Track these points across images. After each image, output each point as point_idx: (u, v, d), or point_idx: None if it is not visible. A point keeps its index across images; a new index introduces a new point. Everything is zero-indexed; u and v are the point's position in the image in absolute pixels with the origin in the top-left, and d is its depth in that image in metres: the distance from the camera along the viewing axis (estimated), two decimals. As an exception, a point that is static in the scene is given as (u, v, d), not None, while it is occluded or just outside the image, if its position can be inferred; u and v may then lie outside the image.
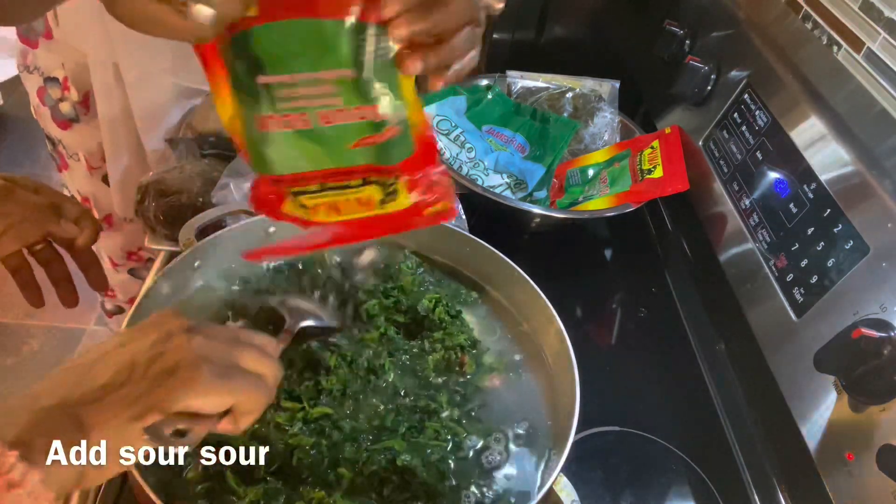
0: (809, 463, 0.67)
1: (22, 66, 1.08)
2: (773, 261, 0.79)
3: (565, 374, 0.64)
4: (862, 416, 0.62)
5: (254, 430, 0.59)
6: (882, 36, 0.76)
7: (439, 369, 0.67)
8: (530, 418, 0.65)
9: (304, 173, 0.51)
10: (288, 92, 0.46)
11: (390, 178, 0.52)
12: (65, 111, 1.08)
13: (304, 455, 0.58)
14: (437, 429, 0.62)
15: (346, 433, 0.60)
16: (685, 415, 0.85)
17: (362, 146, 0.50)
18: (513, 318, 0.74)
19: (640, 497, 0.75)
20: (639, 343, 0.94)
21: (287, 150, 0.49)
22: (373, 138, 0.49)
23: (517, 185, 1.06)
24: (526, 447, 0.63)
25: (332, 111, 0.47)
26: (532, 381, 0.69)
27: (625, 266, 1.08)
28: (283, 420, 0.60)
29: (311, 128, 0.48)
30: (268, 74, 0.45)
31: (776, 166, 0.82)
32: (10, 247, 0.67)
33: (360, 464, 0.58)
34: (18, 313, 1.98)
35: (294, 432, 0.59)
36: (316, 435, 0.60)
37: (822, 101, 0.80)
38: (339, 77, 0.46)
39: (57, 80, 1.05)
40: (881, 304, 0.62)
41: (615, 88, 1.20)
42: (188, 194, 0.87)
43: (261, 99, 0.46)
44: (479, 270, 0.78)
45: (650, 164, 1.01)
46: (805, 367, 0.68)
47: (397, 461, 0.58)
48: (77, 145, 1.12)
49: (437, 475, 0.59)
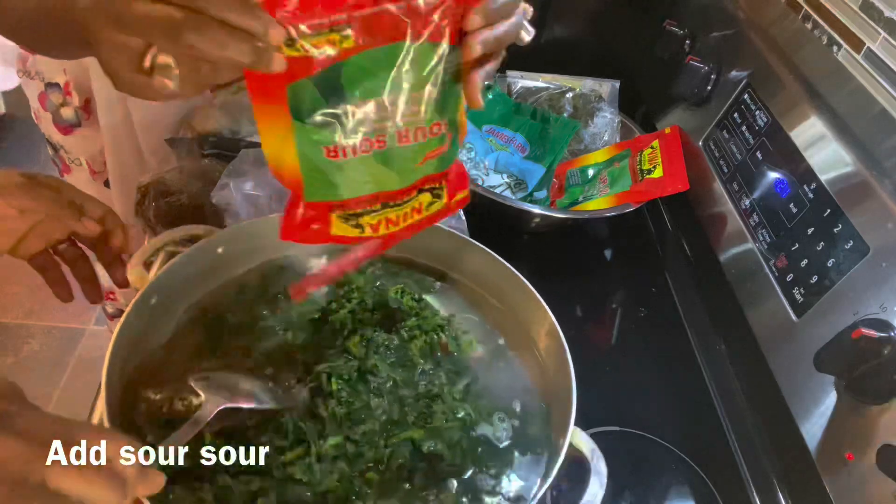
0: (809, 463, 0.67)
1: (22, 72, 1.08)
2: (773, 261, 0.79)
3: (554, 357, 0.65)
4: (862, 416, 0.62)
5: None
6: (882, 36, 0.76)
7: (425, 354, 0.68)
8: (524, 399, 0.66)
9: (371, 195, 0.51)
10: (371, 116, 0.46)
11: (439, 183, 0.54)
12: (66, 116, 1.07)
13: (333, 486, 0.56)
14: (445, 410, 0.62)
15: (360, 444, 0.59)
16: (685, 415, 0.85)
17: (429, 160, 0.51)
18: (485, 299, 0.74)
19: (640, 497, 0.75)
20: (639, 343, 0.94)
21: (356, 175, 0.49)
22: (437, 151, 0.51)
23: (517, 185, 1.06)
24: (529, 422, 0.64)
25: (411, 130, 0.48)
26: (517, 358, 0.70)
27: (625, 266, 1.08)
28: (300, 472, 0.56)
29: (386, 148, 0.48)
30: (352, 102, 0.45)
31: (776, 166, 0.82)
32: (36, 246, 0.67)
33: (385, 461, 0.58)
34: (18, 313, 1.98)
35: (314, 480, 0.56)
36: (333, 461, 0.58)
37: (822, 101, 0.80)
38: (423, 97, 0.47)
39: (58, 85, 1.04)
40: (881, 304, 0.62)
41: (615, 88, 1.20)
42: (188, 194, 0.87)
43: (337, 127, 0.46)
44: (439, 257, 0.77)
45: (650, 164, 1.01)
46: (805, 367, 0.68)
47: (423, 448, 0.59)
48: (79, 150, 1.12)
49: (462, 454, 0.60)
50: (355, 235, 0.53)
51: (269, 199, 0.85)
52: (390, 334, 0.68)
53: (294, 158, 0.47)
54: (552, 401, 0.66)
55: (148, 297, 0.63)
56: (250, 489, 0.54)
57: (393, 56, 0.45)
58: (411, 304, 0.71)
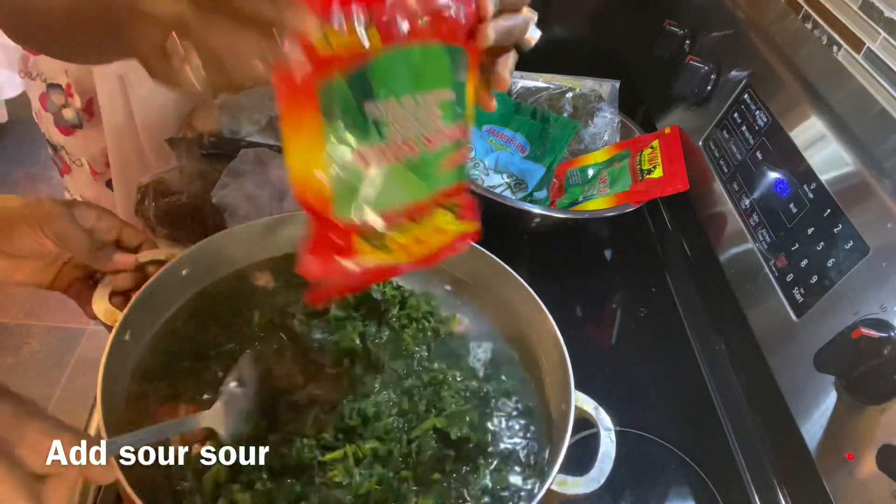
0: (809, 463, 0.67)
1: (23, 72, 1.08)
2: (773, 261, 0.79)
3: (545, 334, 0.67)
4: (862, 416, 0.62)
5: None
6: (882, 36, 0.76)
7: (418, 341, 0.69)
8: (521, 374, 0.69)
9: (400, 207, 0.49)
10: (397, 117, 0.45)
11: (452, 199, 0.53)
12: (68, 117, 1.07)
13: (372, 488, 0.56)
14: (453, 394, 0.64)
15: (388, 441, 0.59)
16: (685, 415, 0.85)
17: (449, 167, 0.50)
18: (471, 289, 0.76)
19: (640, 497, 0.75)
20: (639, 343, 0.94)
21: (388, 183, 0.46)
22: (456, 157, 0.50)
23: (517, 185, 1.06)
24: (528, 396, 0.67)
25: (435, 134, 0.47)
26: (506, 339, 0.72)
27: (625, 266, 1.08)
28: (339, 475, 0.56)
29: (416, 154, 0.47)
30: (380, 101, 0.44)
31: (776, 166, 0.82)
32: (66, 279, 0.67)
33: (415, 456, 0.59)
34: (18, 313, 1.98)
35: (358, 485, 0.56)
36: (371, 464, 0.58)
37: (822, 101, 0.80)
38: (442, 99, 0.47)
39: (60, 86, 1.04)
40: (881, 304, 0.62)
41: (615, 88, 1.20)
42: (188, 194, 0.87)
43: (370, 129, 0.44)
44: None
45: (650, 164, 1.01)
46: (805, 367, 0.68)
47: (451, 435, 0.59)
48: (80, 151, 1.12)
49: (483, 431, 0.61)
50: (386, 264, 0.50)
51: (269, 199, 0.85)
52: (381, 326, 0.69)
53: (323, 167, 0.43)
54: (547, 368, 0.68)
55: (121, 334, 0.61)
56: (293, 491, 0.55)
57: (415, 56, 0.44)
58: (393, 294, 0.71)
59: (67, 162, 1.15)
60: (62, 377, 1.89)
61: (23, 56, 1.06)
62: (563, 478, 0.58)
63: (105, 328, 0.63)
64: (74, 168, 1.15)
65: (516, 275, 0.71)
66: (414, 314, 0.70)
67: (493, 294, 0.74)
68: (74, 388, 1.86)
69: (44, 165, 2.36)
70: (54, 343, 1.95)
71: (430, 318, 0.70)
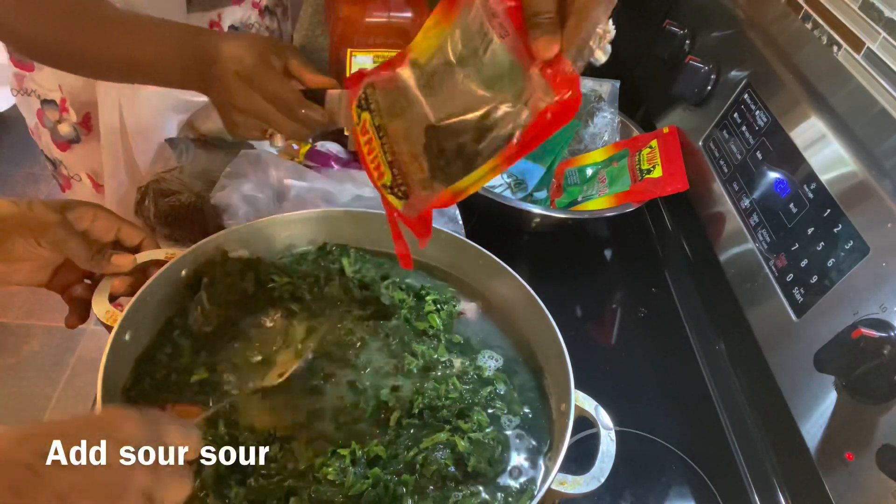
0: (809, 463, 0.67)
1: (17, 90, 1.06)
2: (773, 261, 0.79)
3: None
4: (862, 416, 0.62)
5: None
6: (882, 36, 0.76)
7: (420, 341, 0.70)
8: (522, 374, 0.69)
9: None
10: None
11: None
12: (63, 132, 1.06)
13: (364, 490, 0.57)
14: (456, 385, 0.65)
15: (397, 446, 0.60)
16: (685, 415, 0.85)
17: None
18: (471, 289, 0.76)
19: (640, 497, 0.75)
20: (639, 343, 0.94)
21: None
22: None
23: (517, 185, 1.06)
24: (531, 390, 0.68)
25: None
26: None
27: (625, 266, 1.08)
28: (333, 473, 0.57)
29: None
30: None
31: (776, 166, 0.82)
32: (64, 279, 0.69)
33: (419, 467, 0.58)
34: (18, 313, 1.98)
35: (351, 483, 0.56)
36: (368, 465, 0.58)
37: (822, 101, 0.80)
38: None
39: (54, 102, 1.03)
40: (881, 304, 0.62)
41: (615, 88, 1.19)
42: (188, 194, 0.87)
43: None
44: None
45: (649, 163, 1.01)
46: (805, 367, 0.68)
47: (468, 463, 0.59)
48: (79, 166, 1.11)
49: (501, 465, 0.61)
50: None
51: (269, 199, 0.85)
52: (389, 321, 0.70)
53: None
54: (548, 368, 0.69)
55: (121, 334, 0.62)
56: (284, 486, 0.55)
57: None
58: (401, 297, 0.72)
59: (67, 177, 1.14)
60: (62, 377, 1.88)
61: (16, 75, 1.04)
62: (563, 477, 0.58)
63: (105, 328, 0.63)
64: (74, 183, 1.14)
65: (516, 275, 0.71)
66: (419, 312, 0.71)
67: (493, 294, 0.74)
68: (74, 388, 1.86)
69: (43, 166, 2.35)
70: (54, 343, 1.95)
71: (441, 306, 0.72)
